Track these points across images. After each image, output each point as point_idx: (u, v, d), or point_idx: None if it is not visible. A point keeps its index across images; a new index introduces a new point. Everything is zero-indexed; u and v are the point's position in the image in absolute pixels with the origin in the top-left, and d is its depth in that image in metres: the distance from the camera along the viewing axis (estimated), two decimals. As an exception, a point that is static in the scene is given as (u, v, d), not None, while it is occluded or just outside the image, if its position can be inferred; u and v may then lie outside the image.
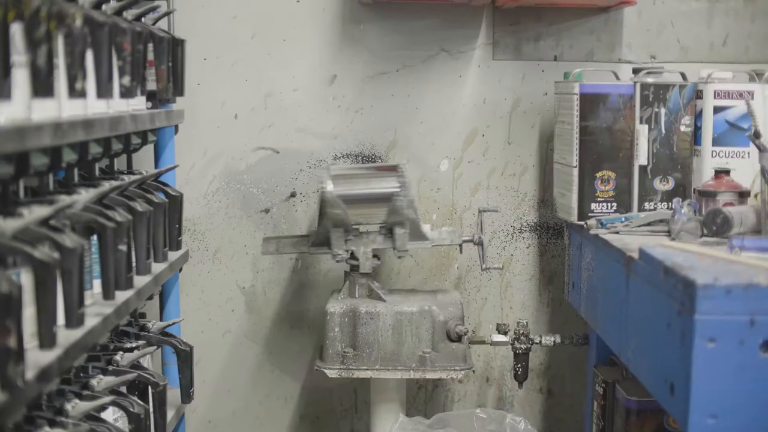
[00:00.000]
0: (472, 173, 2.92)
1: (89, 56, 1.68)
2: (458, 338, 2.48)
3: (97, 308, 1.77)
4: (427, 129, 2.89)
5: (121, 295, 1.86)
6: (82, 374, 1.85)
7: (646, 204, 2.41)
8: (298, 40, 2.85)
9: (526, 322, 2.69)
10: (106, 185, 1.88)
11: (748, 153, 2.33)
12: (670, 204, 2.32)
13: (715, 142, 2.37)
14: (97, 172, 2.01)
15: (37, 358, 1.40)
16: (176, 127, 2.72)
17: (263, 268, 2.92)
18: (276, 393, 2.98)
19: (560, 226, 2.90)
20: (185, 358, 2.37)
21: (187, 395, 2.42)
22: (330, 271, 2.92)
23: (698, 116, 2.40)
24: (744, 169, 2.29)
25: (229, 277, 2.93)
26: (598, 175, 2.42)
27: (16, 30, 1.35)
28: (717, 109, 2.36)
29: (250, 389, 2.98)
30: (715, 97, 2.36)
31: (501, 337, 2.67)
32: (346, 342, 2.48)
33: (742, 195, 2.19)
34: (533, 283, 2.96)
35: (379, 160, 2.88)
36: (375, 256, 2.53)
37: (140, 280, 2.02)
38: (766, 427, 1.58)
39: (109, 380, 1.84)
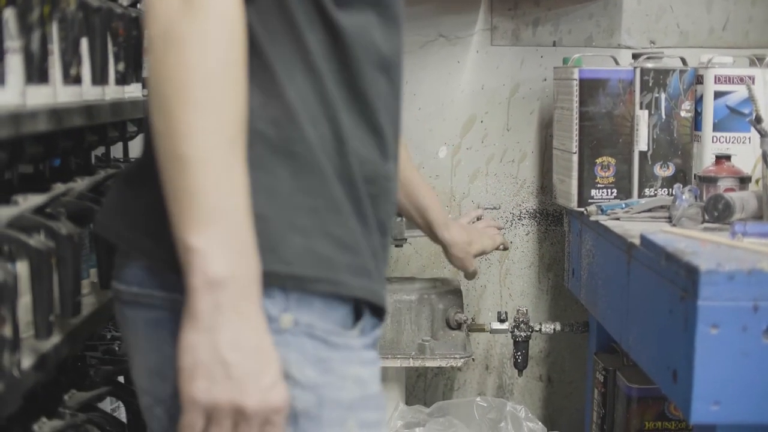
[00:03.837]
0: (471, 160, 2.90)
1: (84, 42, 1.66)
2: (458, 326, 2.47)
3: (93, 297, 1.75)
4: (424, 115, 2.87)
5: (118, 284, 1.84)
6: (79, 364, 1.84)
7: (646, 190, 2.40)
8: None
9: (526, 310, 2.68)
10: (102, 173, 1.86)
11: (749, 138, 2.31)
12: (670, 190, 2.31)
13: (716, 127, 2.35)
14: (93, 160, 1.99)
15: (33, 348, 1.39)
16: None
17: (261, 256, 2.90)
18: (274, 382, 2.97)
19: (560, 212, 2.88)
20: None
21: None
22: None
23: (698, 101, 2.39)
24: (745, 154, 2.27)
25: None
26: (598, 161, 2.40)
27: (9, 15, 1.33)
28: (717, 94, 2.34)
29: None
30: (715, 82, 2.34)
31: (500, 325, 2.66)
32: (345, 330, 2.47)
33: (743, 180, 2.17)
34: (533, 270, 2.95)
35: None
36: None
37: (137, 269, 2.00)
38: (769, 413, 1.58)
39: (107, 370, 1.83)
